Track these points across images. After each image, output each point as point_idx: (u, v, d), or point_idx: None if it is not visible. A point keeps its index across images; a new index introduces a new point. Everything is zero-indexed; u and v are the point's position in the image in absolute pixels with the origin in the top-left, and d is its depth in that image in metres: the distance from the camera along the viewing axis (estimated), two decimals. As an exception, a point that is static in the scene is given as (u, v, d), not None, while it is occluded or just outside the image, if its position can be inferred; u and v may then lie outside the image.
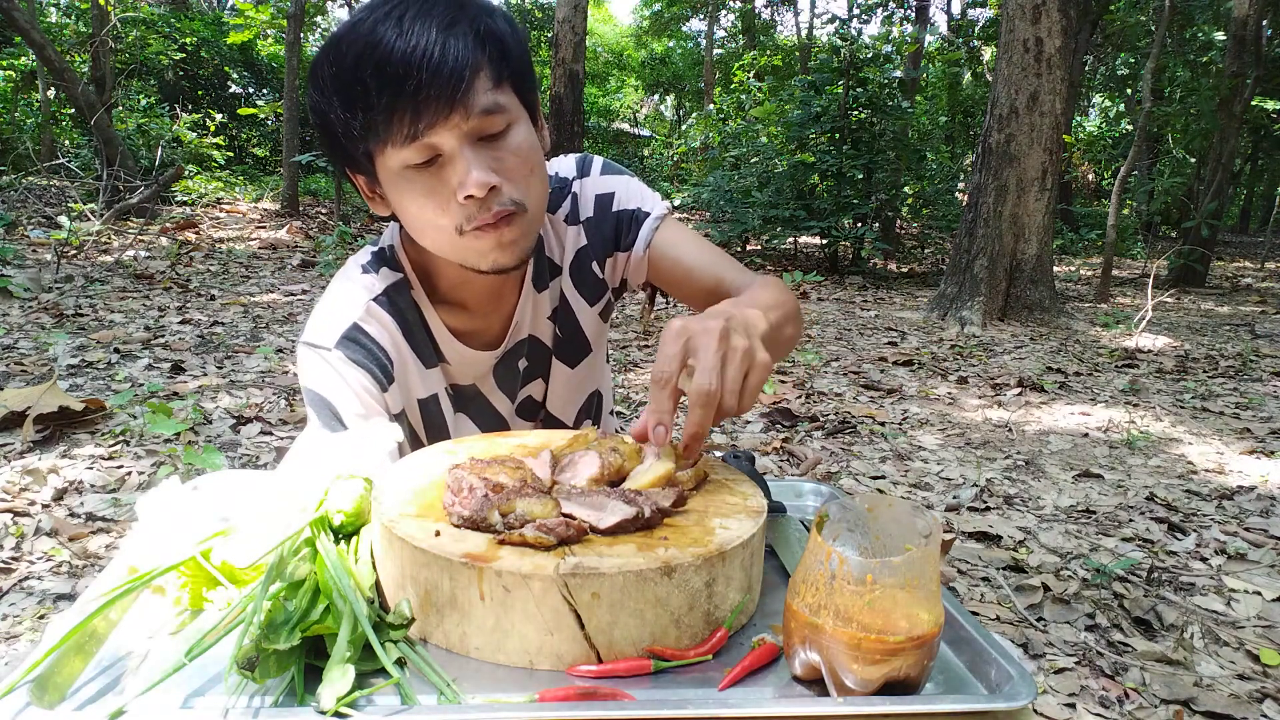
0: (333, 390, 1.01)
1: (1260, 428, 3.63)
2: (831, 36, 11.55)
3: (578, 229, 1.15)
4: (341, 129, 0.90)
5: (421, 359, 1.09)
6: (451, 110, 0.85)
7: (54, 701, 0.61)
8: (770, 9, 22.09)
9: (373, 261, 1.08)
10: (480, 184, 0.87)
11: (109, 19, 9.48)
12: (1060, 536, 2.41)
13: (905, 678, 0.62)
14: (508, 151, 0.91)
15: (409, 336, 1.07)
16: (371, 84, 0.84)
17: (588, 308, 1.19)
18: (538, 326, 1.17)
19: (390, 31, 0.83)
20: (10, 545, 1.99)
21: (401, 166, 0.89)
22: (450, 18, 0.85)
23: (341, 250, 7.70)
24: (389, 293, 1.06)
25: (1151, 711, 1.59)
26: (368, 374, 1.01)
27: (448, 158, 0.88)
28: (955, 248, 6.85)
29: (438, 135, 0.86)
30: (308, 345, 1.03)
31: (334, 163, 0.99)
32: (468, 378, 1.14)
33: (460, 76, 0.84)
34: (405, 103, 0.84)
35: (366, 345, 1.02)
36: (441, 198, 0.90)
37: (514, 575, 0.64)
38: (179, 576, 0.74)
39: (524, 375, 1.19)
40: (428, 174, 0.89)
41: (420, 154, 0.88)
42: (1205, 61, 12.27)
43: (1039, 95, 6.14)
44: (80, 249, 6.36)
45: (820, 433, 3.36)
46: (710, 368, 0.74)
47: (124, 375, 3.46)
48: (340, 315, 1.03)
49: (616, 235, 1.15)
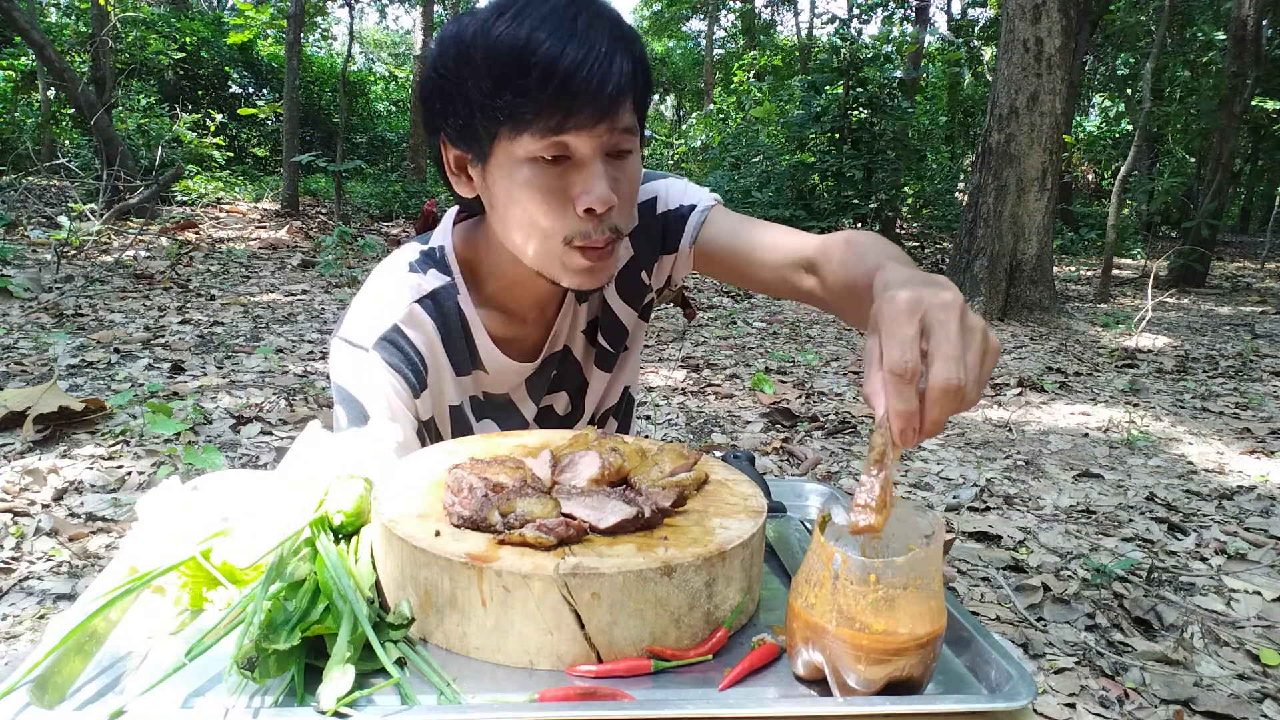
0: (365, 391, 0.99)
1: (1260, 428, 3.63)
2: (831, 36, 11.55)
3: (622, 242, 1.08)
4: (481, 105, 0.87)
5: (455, 365, 1.07)
6: (600, 120, 0.85)
7: (54, 701, 0.61)
8: (770, 9, 22.10)
9: (422, 261, 1.06)
10: (604, 200, 0.87)
11: (109, 19, 9.48)
12: (1060, 536, 2.41)
13: (908, 678, 0.62)
14: (625, 175, 0.92)
15: (447, 342, 1.05)
16: (535, 72, 0.82)
17: (632, 313, 1.19)
18: (573, 338, 1.16)
19: (562, 30, 0.83)
20: (10, 545, 1.99)
21: (528, 157, 0.87)
22: (618, 34, 0.86)
23: (341, 250, 7.71)
24: (435, 295, 1.04)
25: (1151, 711, 1.59)
26: (402, 379, 1.00)
27: (577, 163, 0.88)
28: (955, 248, 6.85)
29: (580, 139, 0.86)
30: (346, 342, 1.01)
31: (437, 128, 0.95)
32: (502, 387, 1.13)
33: (620, 90, 0.85)
34: (563, 100, 0.83)
35: (404, 349, 1.00)
36: (559, 201, 0.89)
37: (514, 575, 0.64)
38: (179, 576, 0.74)
39: (551, 384, 1.18)
40: (552, 173, 0.88)
41: (554, 150, 0.87)
42: (1205, 61, 12.27)
43: (1039, 95, 6.14)
44: (80, 249, 6.36)
45: (820, 433, 3.36)
46: (955, 356, 0.59)
47: (124, 375, 3.46)
48: (382, 315, 1.01)
49: (663, 238, 1.14)
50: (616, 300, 1.17)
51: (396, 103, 19.43)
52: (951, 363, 0.59)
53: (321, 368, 3.85)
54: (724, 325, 5.84)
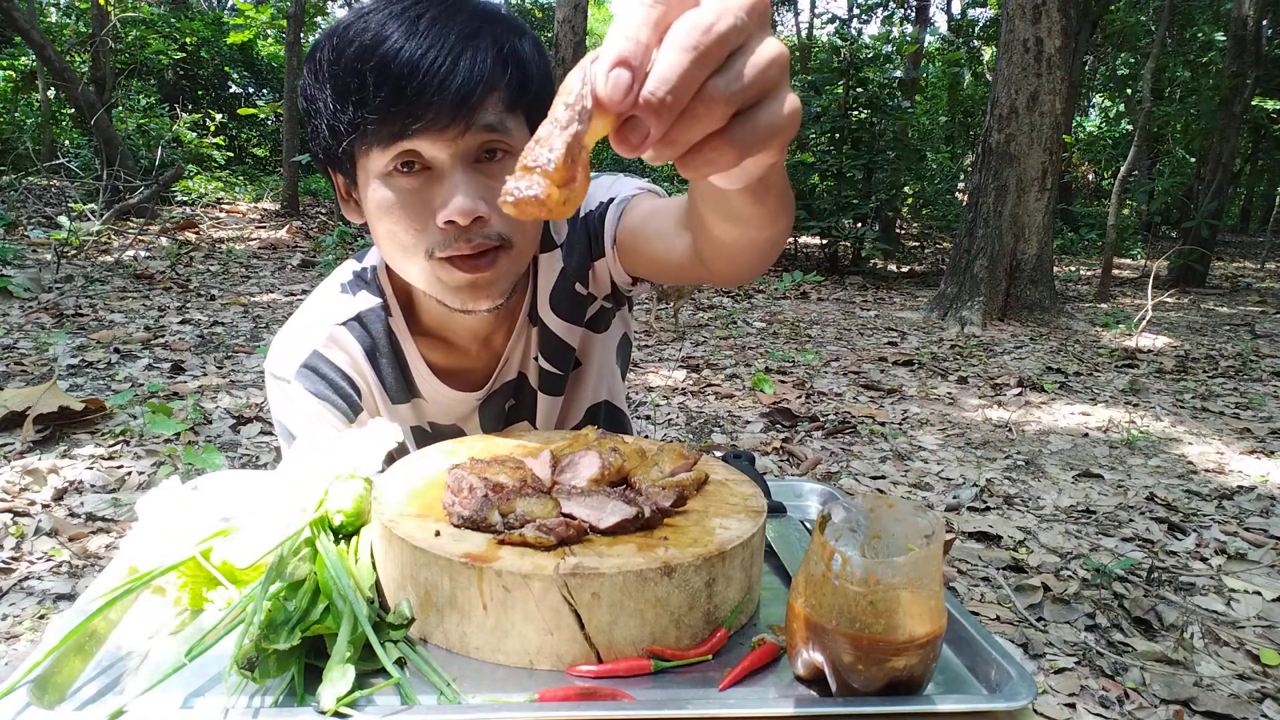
0: (295, 422, 0.97)
1: (1260, 428, 3.63)
2: (831, 36, 11.56)
3: (553, 255, 1.03)
4: (329, 121, 0.82)
5: (389, 394, 1.01)
6: (451, 122, 0.77)
7: (54, 701, 0.61)
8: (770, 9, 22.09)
9: (353, 282, 1.01)
10: (464, 211, 0.78)
11: (109, 19, 9.49)
12: (1060, 536, 2.41)
13: (908, 678, 0.62)
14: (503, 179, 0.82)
15: (377, 368, 0.99)
16: (370, 78, 0.77)
17: (575, 329, 1.07)
18: (526, 365, 1.07)
19: (402, 29, 0.77)
20: (10, 545, 1.99)
21: (382, 172, 0.81)
22: (473, 28, 0.79)
23: (342, 250, 7.70)
24: (362, 318, 0.99)
25: (1151, 711, 1.59)
26: (329, 405, 0.96)
27: (436, 174, 0.81)
28: (955, 248, 6.85)
29: (430, 146, 0.79)
30: (270, 374, 0.99)
31: (315, 156, 0.91)
32: (448, 417, 1.06)
33: (469, 90, 0.77)
34: (402, 105, 0.76)
35: (327, 375, 0.97)
36: (419, 216, 0.81)
37: (514, 575, 0.64)
38: (179, 576, 0.74)
39: (509, 415, 1.10)
40: (410, 186, 0.81)
41: (402, 159, 0.80)
42: (1205, 61, 12.27)
43: (1039, 95, 6.14)
44: (80, 249, 6.36)
45: (820, 433, 3.36)
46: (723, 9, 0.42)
47: (124, 375, 3.46)
48: (301, 342, 0.97)
49: (589, 243, 1.01)
50: (552, 318, 1.05)
51: (396, 103, 19.41)
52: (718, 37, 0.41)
53: (321, 368, 3.86)
54: (724, 325, 5.84)
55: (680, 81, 0.39)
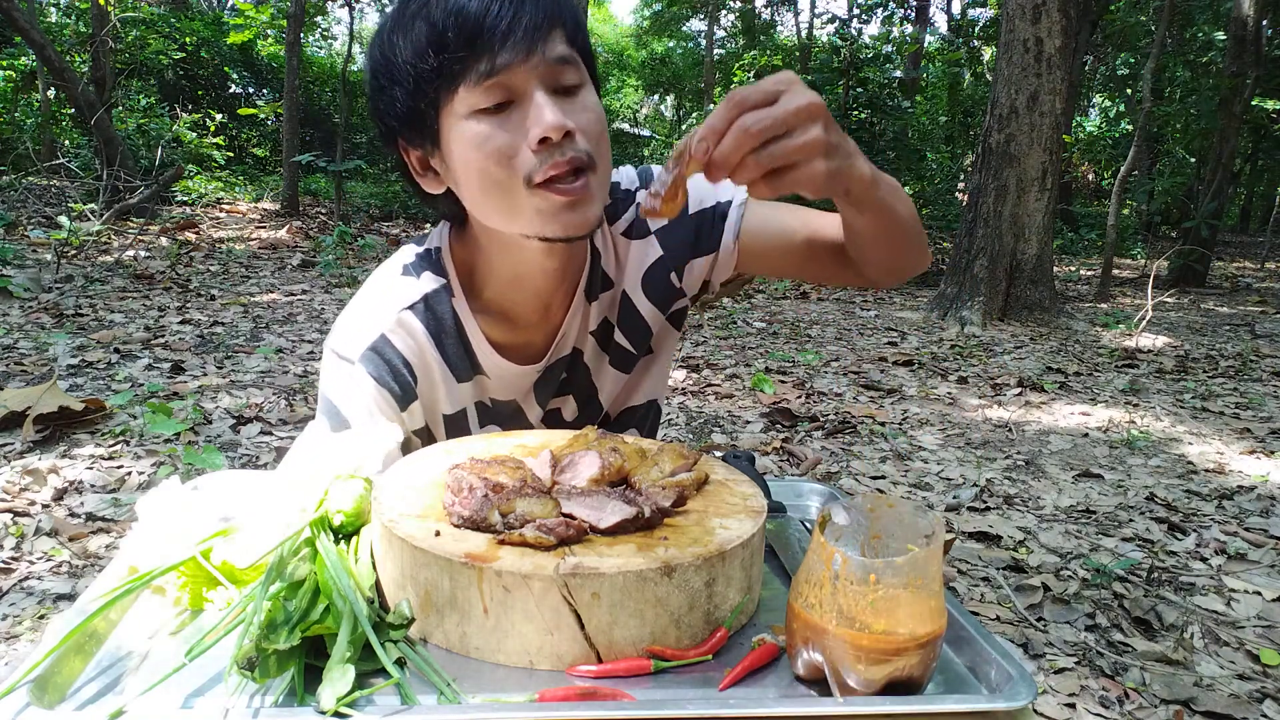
0: (348, 403, 0.99)
1: (1260, 428, 3.63)
2: (831, 36, 11.55)
3: (649, 240, 1.10)
4: (412, 76, 0.87)
5: (454, 372, 1.04)
6: (529, 53, 0.84)
7: (54, 701, 0.61)
8: (770, 9, 22.10)
9: (417, 263, 1.04)
10: (555, 125, 0.84)
11: (109, 19, 9.48)
12: (1060, 536, 2.41)
13: (908, 678, 0.62)
14: (581, 109, 0.88)
15: (442, 348, 1.03)
16: (450, 24, 0.83)
17: (658, 315, 1.14)
18: (583, 340, 1.12)
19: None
20: (10, 545, 1.99)
21: (471, 112, 0.86)
22: None
23: (341, 250, 7.70)
24: (428, 300, 1.02)
25: (1151, 711, 1.59)
26: (388, 392, 0.99)
27: (521, 102, 0.86)
28: (955, 248, 6.85)
29: (515, 76, 0.84)
30: (334, 353, 1.01)
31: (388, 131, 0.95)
32: (508, 392, 1.09)
33: (540, 20, 0.85)
34: (484, 42, 0.83)
35: (390, 361, 0.99)
36: (511, 144, 0.86)
37: (514, 575, 0.64)
38: (179, 576, 0.74)
39: (558, 388, 1.14)
40: (498, 121, 0.86)
41: (493, 96, 0.85)
42: (1205, 61, 12.27)
43: (1039, 95, 6.14)
44: (80, 249, 6.36)
45: (820, 433, 3.36)
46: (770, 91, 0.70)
47: (124, 375, 3.46)
48: (369, 325, 1.00)
49: (697, 238, 1.10)
50: (640, 297, 1.12)
51: (396, 103, 19.40)
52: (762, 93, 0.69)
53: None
54: (724, 325, 5.84)
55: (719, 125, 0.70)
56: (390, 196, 12.03)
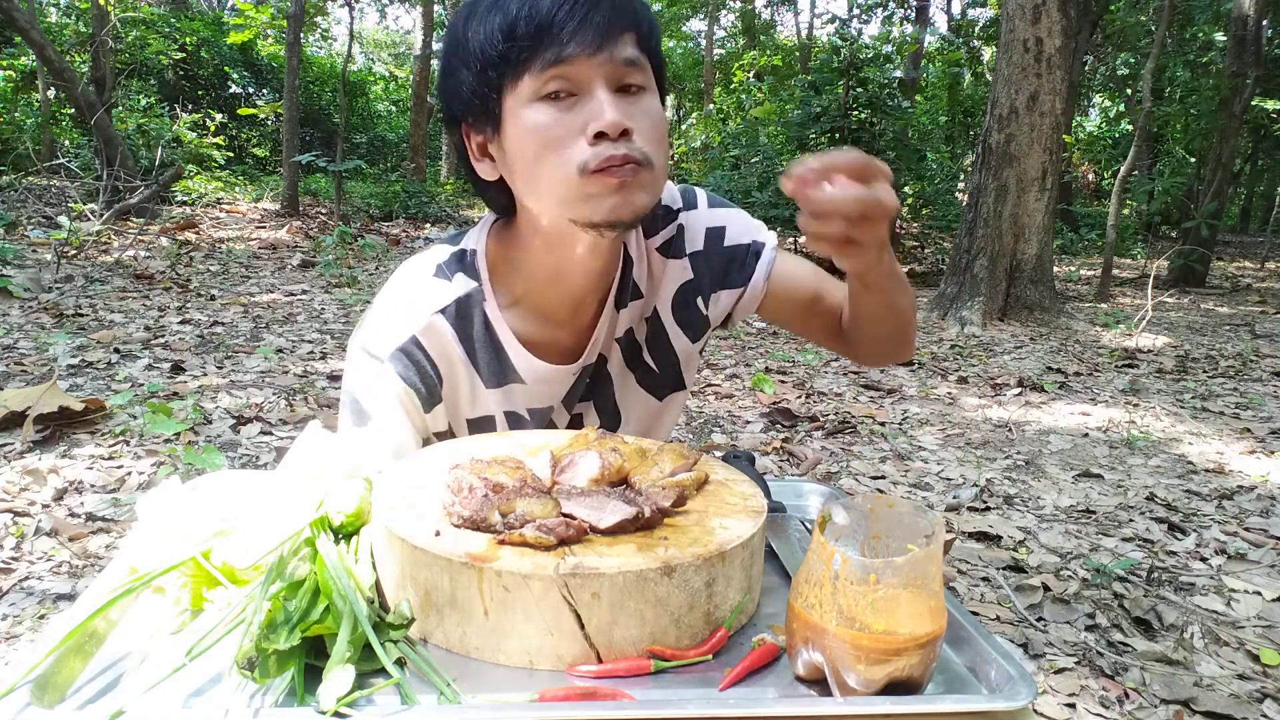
0: (374, 401, 1.00)
1: (1260, 428, 3.63)
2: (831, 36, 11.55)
3: (683, 262, 1.12)
4: (480, 61, 0.89)
5: (482, 378, 1.04)
6: (597, 50, 0.86)
7: (54, 701, 0.61)
8: (770, 9, 22.11)
9: (450, 263, 1.04)
10: (613, 123, 0.86)
11: (109, 19, 9.48)
12: (1060, 536, 2.41)
13: (908, 678, 0.62)
14: (641, 112, 0.90)
15: (471, 353, 1.03)
16: (523, 14, 0.86)
17: (689, 344, 1.16)
18: (609, 347, 1.12)
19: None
20: (10, 545, 1.99)
21: (533, 98, 0.88)
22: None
23: (342, 250, 7.70)
24: (459, 304, 1.02)
25: (1151, 711, 1.59)
26: (414, 393, 1.00)
27: (584, 96, 0.88)
28: (955, 248, 6.85)
29: (579, 70, 0.86)
30: (363, 350, 1.01)
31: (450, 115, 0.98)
32: (543, 399, 1.09)
33: (612, 19, 0.87)
34: (554, 32, 0.85)
35: (419, 363, 1.00)
36: (570, 134, 0.87)
37: (514, 575, 0.64)
38: (179, 576, 0.74)
39: (583, 393, 1.14)
40: (559, 109, 0.88)
41: (556, 85, 0.87)
42: (1205, 61, 12.26)
43: (1039, 95, 6.14)
44: (80, 249, 6.36)
45: (820, 433, 3.36)
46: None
47: (124, 375, 3.46)
48: (400, 326, 1.00)
49: (727, 271, 1.12)
50: (669, 317, 1.13)
51: (396, 103, 19.43)
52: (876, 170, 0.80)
53: (321, 368, 3.85)
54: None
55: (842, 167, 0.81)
56: (390, 196, 12.02)
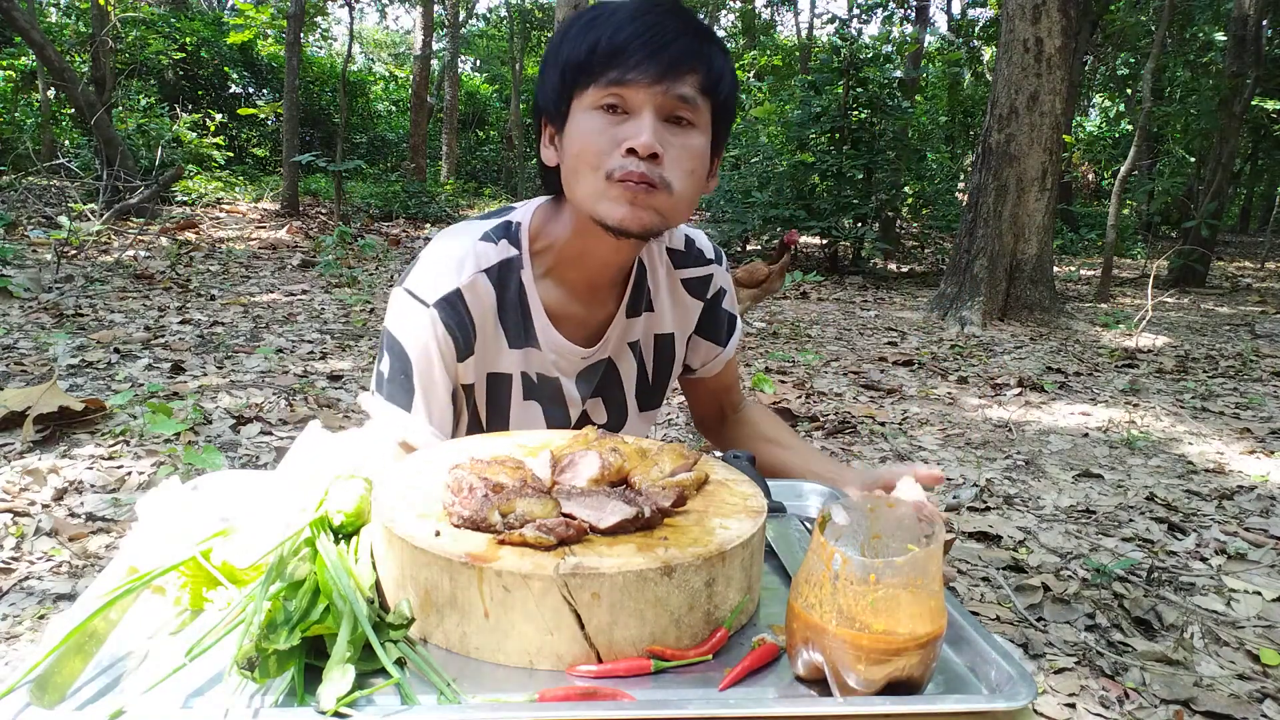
0: (414, 344, 1.08)
1: (1260, 428, 3.63)
2: (831, 36, 11.55)
3: (700, 305, 1.29)
4: (564, 65, 1.02)
5: (509, 336, 1.14)
6: (655, 82, 0.97)
7: (54, 701, 0.61)
8: (770, 9, 22.10)
9: (497, 230, 1.14)
10: (645, 145, 0.97)
11: (109, 19, 9.48)
12: (1060, 536, 2.41)
13: (908, 678, 0.62)
14: (680, 144, 1.01)
15: (503, 313, 1.13)
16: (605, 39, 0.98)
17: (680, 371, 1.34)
18: (619, 351, 1.24)
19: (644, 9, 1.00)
20: (10, 545, 1.99)
21: (592, 106, 1.00)
22: (693, 29, 1.01)
23: (342, 250, 7.70)
24: (501, 267, 1.12)
25: (1151, 711, 1.59)
26: (452, 341, 1.08)
27: (633, 115, 0.99)
28: (955, 248, 6.85)
29: (633, 93, 0.98)
30: (409, 293, 1.09)
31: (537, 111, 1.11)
32: (553, 370, 1.19)
33: (674, 63, 0.98)
34: (623, 57, 0.97)
35: (460, 314, 1.09)
36: (610, 142, 0.99)
37: (514, 575, 0.64)
38: (179, 576, 0.74)
39: (596, 387, 1.24)
40: (609, 120, 1.00)
41: (613, 99, 0.99)
42: (1205, 61, 12.26)
43: (1039, 95, 6.14)
44: (80, 249, 6.36)
45: (820, 433, 3.36)
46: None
47: (124, 375, 3.46)
48: (447, 276, 1.09)
49: (714, 326, 1.31)
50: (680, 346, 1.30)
51: (396, 103, 19.42)
52: None
53: (321, 368, 3.85)
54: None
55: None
56: (390, 196, 12.02)
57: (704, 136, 1.04)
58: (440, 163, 16.30)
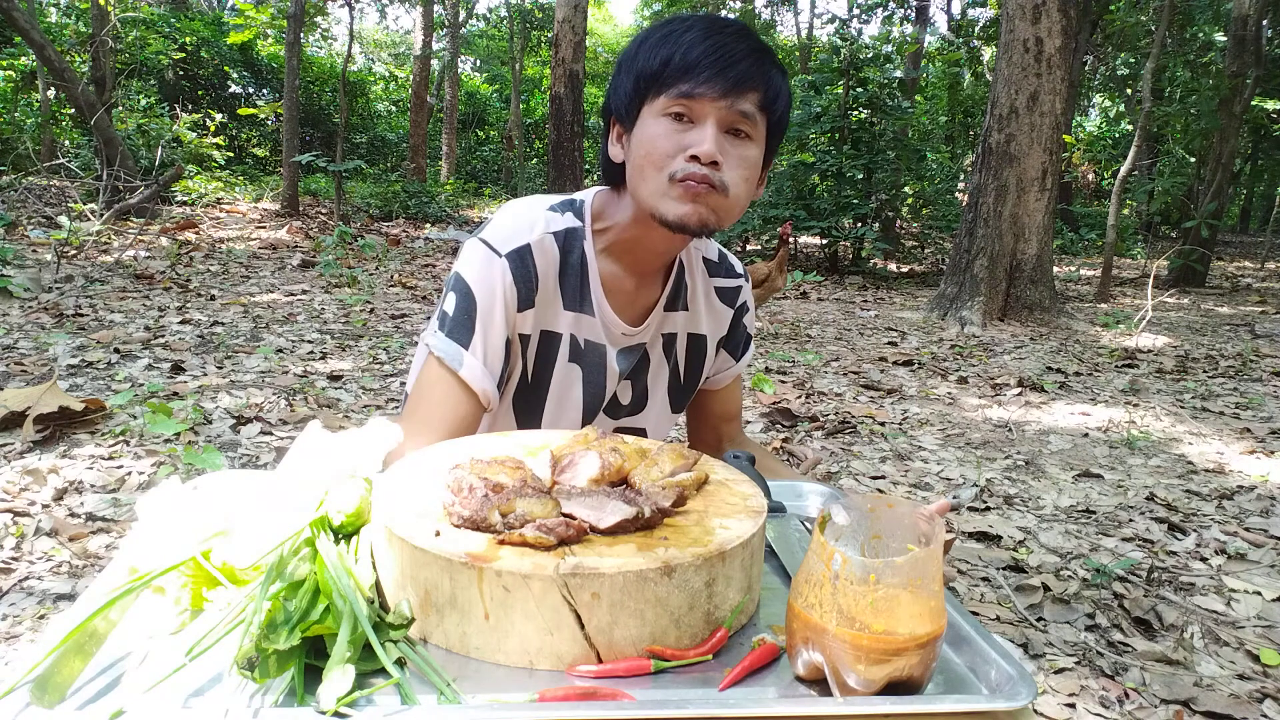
0: (483, 289, 1.16)
1: (1260, 428, 3.63)
2: (831, 36, 11.54)
3: (730, 311, 1.39)
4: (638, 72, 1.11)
5: (565, 298, 1.23)
6: (721, 96, 1.06)
7: (54, 701, 0.61)
8: (770, 9, 22.09)
9: (563, 204, 1.25)
10: (708, 152, 1.06)
11: (109, 19, 9.48)
12: (1060, 536, 2.41)
13: (908, 678, 0.62)
14: (738, 154, 1.10)
15: (563, 276, 1.23)
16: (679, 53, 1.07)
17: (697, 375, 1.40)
18: (655, 342, 1.33)
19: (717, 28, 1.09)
20: (10, 545, 1.99)
21: (660, 113, 1.10)
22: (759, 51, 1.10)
23: (342, 250, 7.70)
24: (568, 234, 1.22)
25: (1151, 711, 1.59)
26: (517, 291, 1.17)
27: (698, 124, 1.08)
28: (955, 248, 6.85)
29: (698, 105, 1.07)
30: (484, 243, 1.18)
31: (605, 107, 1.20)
32: (601, 337, 1.27)
33: (739, 81, 1.07)
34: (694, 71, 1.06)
35: (529, 267, 1.18)
36: (674, 147, 1.09)
37: (514, 575, 0.64)
38: (179, 576, 0.74)
39: (632, 371, 1.32)
40: (675, 128, 1.09)
41: (680, 109, 1.08)
42: (1205, 61, 12.26)
43: (1039, 95, 6.14)
44: (80, 249, 6.36)
45: (820, 433, 3.36)
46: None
47: (124, 375, 3.46)
48: (521, 232, 1.19)
49: (732, 339, 1.41)
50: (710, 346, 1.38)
51: (396, 103, 19.43)
52: None
53: (321, 368, 3.85)
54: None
55: None
56: (390, 196, 12.02)
57: (759, 148, 1.13)
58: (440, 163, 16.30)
